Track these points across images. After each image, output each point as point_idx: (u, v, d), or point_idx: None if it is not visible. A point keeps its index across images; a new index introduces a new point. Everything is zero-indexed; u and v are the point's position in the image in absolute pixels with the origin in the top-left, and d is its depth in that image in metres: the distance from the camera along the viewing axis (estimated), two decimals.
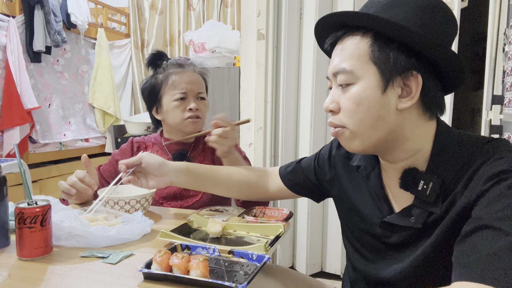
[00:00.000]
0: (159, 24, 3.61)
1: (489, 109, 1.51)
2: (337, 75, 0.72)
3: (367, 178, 0.83)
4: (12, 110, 2.55)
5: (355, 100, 0.70)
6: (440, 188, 0.68)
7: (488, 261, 0.54)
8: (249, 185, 1.05)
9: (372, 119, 0.69)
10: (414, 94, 0.68)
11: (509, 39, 1.42)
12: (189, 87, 1.31)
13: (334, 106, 0.73)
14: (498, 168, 0.62)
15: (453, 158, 0.69)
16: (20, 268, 0.76)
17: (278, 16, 2.15)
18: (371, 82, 0.69)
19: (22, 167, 0.85)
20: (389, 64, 0.68)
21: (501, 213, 0.58)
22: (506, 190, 0.60)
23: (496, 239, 0.55)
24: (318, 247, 2.29)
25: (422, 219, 0.71)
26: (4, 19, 2.56)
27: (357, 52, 0.70)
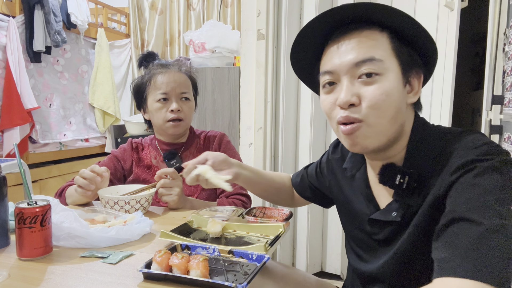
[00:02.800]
0: (159, 24, 3.61)
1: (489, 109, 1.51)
2: (362, 65, 0.69)
3: (352, 178, 0.86)
4: (12, 110, 2.55)
5: (386, 90, 0.68)
6: (416, 181, 0.70)
7: (465, 254, 0.54)
8: (286, 192, 1.09)
9: (394, 111, 0.70)
10: (417, 89, 0.73)
11: (509, 39, 1.42)
12: (170, 87, 1.29)
13: (355, 99, 0.69)
14: (465, 158, 0.63)
15: (427, 151, 0.71)
16: (20, 268, 0.76)
17: (278, 16, 2.15)
18: (396, 74, 0.70)
19: (22, 167, 0.85)
20: (409, 60, 0.71)
21: (471, 204, 0.58)
22: (473, 180, 0.60)
23: (469, 231, 0.56)
24: (318, 247, 2.29)
25: (401, 213, 0.72)
26: (4, 19, 2.56)
27: (381, 44, 0.70)
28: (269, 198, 1.10)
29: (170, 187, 1.14)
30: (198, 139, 1.40)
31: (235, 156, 1.36)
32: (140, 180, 1.34)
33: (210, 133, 1.41)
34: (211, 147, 1.37)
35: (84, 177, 1.12)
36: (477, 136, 0.68)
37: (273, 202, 1.11)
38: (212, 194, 1.34)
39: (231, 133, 2.44)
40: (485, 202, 0.58)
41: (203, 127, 2.52)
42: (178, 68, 1.35)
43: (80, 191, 1.14)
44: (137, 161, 1.37)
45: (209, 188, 1.33)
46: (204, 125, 2.52)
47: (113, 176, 1.34)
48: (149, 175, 1.34)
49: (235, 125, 2.43)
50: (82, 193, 1.14)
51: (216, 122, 2.49)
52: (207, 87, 2.48)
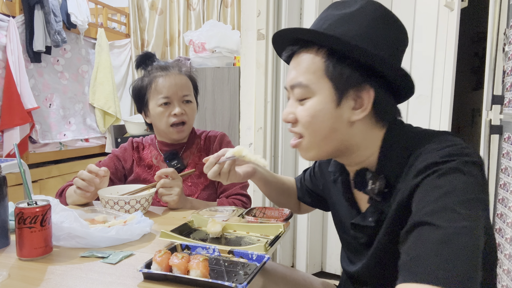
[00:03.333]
0: (159, 24, 3.61)
1: (489, 109, 1.51)
2: (294, 89, 0.74)
3: (334, 183, 0.87)
4: (12, 110, 2.55)
5: (311, 113, 0.72)
6: (386, 186, 0.71)
7: (426, 259, 0.53)
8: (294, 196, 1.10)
9: (326, 131, 0.72)
10: (366, 106, 0.71)
11: (509, 39, 1.42)
12: (172, 91, 1.28)
13: (292, 117, 0.76)
14: (427, 161, 0.63)
15: (398, 155, 0.71)
16: (20, 268, 0.76)
17: (278, 16, 2.15)
18: (325, 96, 0.71)
19: (22, 167, 0.85)
20: (343, 79, 0.70)
21: (431, 207, 0.57)
22: (434, 182, 0.60)
23: (430, 235, 0.55)
24: (318, 247, 2.29)
25: (375, 217, 0.73)
26: (4, 19, 2.56)
27: (313, 67, 0.72)
28: (280, 200, 1.10)
29: (170, 187, 1.14)
30: (199, 139, 1.40)
31: None
32: (140, 180, 1.34)
33: (211, 133, 1.41)
34: (212, 147, 1.37)
35: (82, 179, 1.12)
36: (445, 137, 0.67)
37: (283, 205, 1.10)
38: (212, 194, 1.34)
39: (231, 133, 2.44)
40: (446, 205, 0.57)
41: (203, 127, 2.52)
42: (178, 70, 1.33)
43: (79, 192, 1.14)
44: (137, 161, 1.37)
45: (209, 188, 1.33)
46: (204, 125, 2.52)
47: (114, 175, 1.33)
48: (150, 174, 1.34)
49: (235, 125, 2.43)
50: (81, 195, 1.14)
51: (216, 122, 2.49)
52: (207, 87, 2.48)
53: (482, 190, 0.60)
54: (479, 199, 0.58)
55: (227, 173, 0.94)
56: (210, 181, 1.34)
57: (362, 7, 0.71)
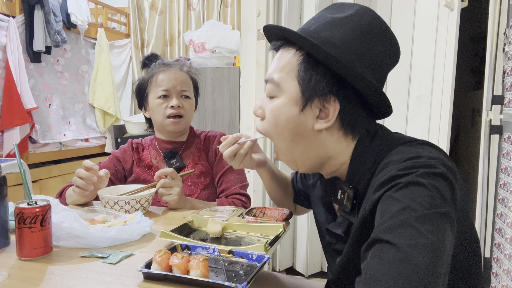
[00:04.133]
0: (159, 24, 3.61)
1: (489, 109, 1.51)
2: (267, 83, 0.74)
3: (314, 187, 0.87)
4: (12, 110, 2.55)
5: (274, 113, 0.72)
6: (355, 197, 0.69)
7: (380, 278, 0.51)
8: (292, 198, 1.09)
9: (290, 134, 0.71)
10: (330, 117, 0.69)
11: (509, 39, 1.42)
12: (171, 84, 1.31)
13: (261, 112, 0.76)
14: (387, 175, 0.59)
15: (364, 167, 0.69)
16: (20, 268, 0.76)
17: (278, 16, 2.15)
18: (290, 98, 0.70)
19: (22, 167, 0.85)
20: (310, 85, 0.68)
21: (390, 223, 0.55)
22: (393, 195, 0.57)
23: (385, 254, 0.53)
24: (318, 247, 2.29)
25: (344, 228, 0.72)
26: (4, 19, 2.56)
27: (288, 66, 0.71)
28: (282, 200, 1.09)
29: (170, 186, 1.15)
30: (199, 139, 1.40)
31: None
32: (140, 180, 1.34)
33: (210, 133, 1.42)
34: (211, 147, 1.37)
35: (80, 177, 1.13)
36: (411, 148, 0.64)
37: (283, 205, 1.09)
38: (212, 194, 1.34)
39: (231, 133, 2.43)
40: (404, 220, 0.53)
41: (203, 127, 2.52)
42: (179, 67, 1.37)
43: (78, 191, 1.14)
44: (137, 161, 1.38)
45: (209, 188, 1.34)
46: (204, 125, 2.52)
47: (114, 176, 1.34)
48: (150, 175, 1.34)
49: (235, 125, 2.43)
50: (80, 193, 1.14)
51: (216, 122, 2.49)
52: (207, 87, 2.48)
53: (444, 202, 0.55)
54: (440, 213, 0.54)
55: (243, 156, 0.92)
56: (210, 181, 1.34)
57: (354, 14, 0.68)
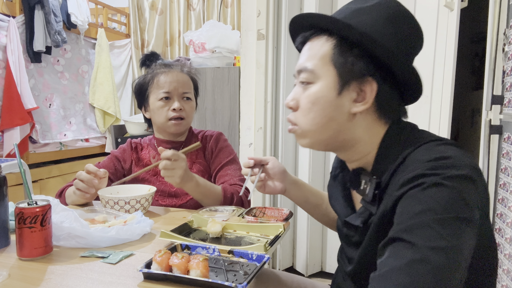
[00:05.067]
0: (159, 24, 3.61)
1: (489, 109, 1.51)
2: (300, 73, 0.74)
3: (334, 179, 0.87)
4: (12, 110, 2.55)
5: (312, 99, 0.72)
6: (377, 188, 0.70)
7: (394, 276, 0.52)
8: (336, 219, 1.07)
9: (324, 119, 0.72)
10: (367, 99, 0.70)
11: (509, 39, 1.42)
12: (173, 86, 1.31)
13: (294, 103, 0.76)
14: (413, 173, 0.60)
15: (390, 160, 0.69)
16: (20, 268, 0.76)
17: (278, 16, 2.15)
18: (328, 83, 0.71)
19: (22, 167, 0.85)
20: (347, 68, 0.69)
21: (410, 222, 0.55)
22: (416, 196, 0.57)
23: (403, 253, 0.54)
24: (318, 247, 2.29)
25: (363, 218, 0.72)
26: (4, 19, 2.56)
27: (321, 52, 0.72)
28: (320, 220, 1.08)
29: (172, 168, 1.12)
30: (196, 139, 1.41)
31: (231, 153, 1.37)
32: (139, 180, 1.34)
33: (207, 133, 1.42)
34: (208, 146, 1.38)
35: (81, 180, 1.13)
36: (444, 148, 0.64)
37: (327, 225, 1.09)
38: None
39: (231, 133, 2.44)
40: (424, 222, 0.54)
41: (203, 127, 2.52)
42: (180, 68, 1.37)
43: (78, 193, 1.14)
44: (136, 161, 1.38)
45: None
46: (204, 125, 2.52)
47: (113, 176, 1.34)
48: (148, 174, 1.35)
49: (235, 125, 2.43)
50: (80, 196, 1.15)
51: (216, 122, 2.49)
52: (207, 87, 2.48)
53: (467, 207, 0.56)
54: (464, 219, 0.55)
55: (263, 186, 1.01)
56: (208, 178, 1.35)
57: (379, 3, 0.71)
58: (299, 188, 1.03)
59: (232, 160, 1.36)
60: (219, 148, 1.36)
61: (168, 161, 1.10)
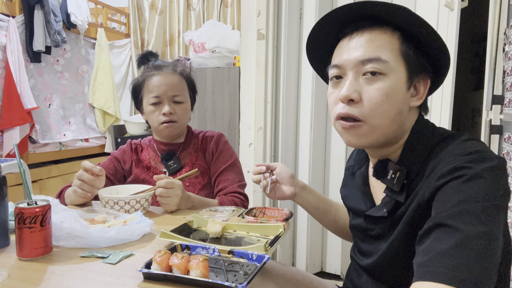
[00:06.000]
0: (159, 24, 3.60)
1: (489, 109, 1.51)
2: (367, 63, 0.70)
3: (352, 176, 0.88)
4: (12, 110, 2.55)
5: (386, 91, 0.70)
6: (405, 178, 0.71)
7: (443, 260, 0.54)
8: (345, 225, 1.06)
9: (394, 113, 0.71)
10: (422, 94, 0.73)
11: (509, 39, 1.42)
12: (162, 90, 1.28)
13: (356, 96, 0.71)
14: (453, 165, 0.63)
15: (419, 150, 0.72)
16: (20, 268, 0.76)
17: (278, 16, 2.15)
18: (401, 77, 0.71)
19: (22, 167, 0.85)
20: (416, 63, 0.71)
21: (453, 210, 0.58)
22: (458, 186, 0.61)
23: (448, 237, 0.56)
24: (318, 247, 2.29)
25: (389, 207, 0.73)
26: (4, 19, 2.56)
27: (390, 45, 0.71)
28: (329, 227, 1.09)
29: (168, 196, 1.12)
30: (196, 139, 1.40)
31: (231, 156, 1.36)
32: (139, 180, 1.34)
33: (208, 133, 1.41)
34: (208, 147, 1.37)
35: (83, 180, 1.12)
36: (472, 143, 0.67)
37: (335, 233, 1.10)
38: (209, 194, 1.34)
39: (231, 133, 2.44)
40: (468, 209, 0.58)
41: (203, 127, 2.52)
42: (172, 69, 1.33)
43: (80, 192, 1.13)
44: (136, 162, 1.38)
45: (207, 188, 1.34)
46: (204, 125, 2.52)
47: (114, 177, 1.34)
48: (148, 175, 1.35)
49: (235, 125, 2.43)
50: (82, 195, 1.14)
51: (216, 122, 2.49)
52: (207, 87, 2.48)
53: (503, 195, 0.60)
54: (499, 206, 0.59)
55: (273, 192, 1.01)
56: (208, 180, 1.35)
57: None
58: (309, 193, 1.04)
59: (233, 164, 1.35)
60: (219, 151, 1.36)
61: (163, 189, 1.10)
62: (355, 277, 0.88)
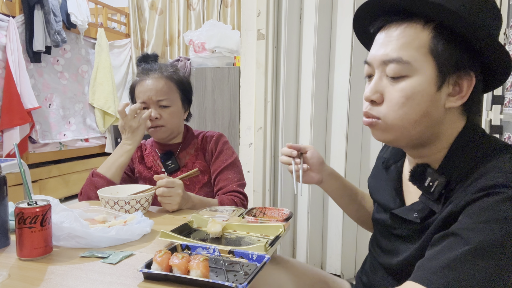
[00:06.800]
0: (159, 24, 3.61)
1: (489, 109, 1.51)
2: (389, 64, 0.67)
3: (386, 170, 0.84)
4: (12, 110, 2.55)
5: (407, 93, 0.65)
6: (444, 188, 0.66)
7: (441, 268, 0.53)
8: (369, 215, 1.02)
9: (418, 115, 0.66)
10: (464, 93, 0.66)
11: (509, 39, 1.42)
12: (147, 96, 1.30)
13: (377, 97, 0.68)
14: (494, 181, 0.58)
15: (464, 161, 0.66)
16: (20, 268, 0.76)
17: (278, 16, 2.15)
18: (427, 77, 0.65)
19: (22, 167, 0.85)
20: (450, 61, 0.64)
21: (474, 225, 0.55)
22: (493, 204, 0.56)
23: (455, 247, 0.55)
24: (318, 247, 2.29)
25: (422, 215, 0.70)
26: (4, 19, 2.56)
27: (417, 42, 0.65)
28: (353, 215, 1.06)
29: (169, 196, 1.13)
30: (196, 140, 1.41)
31: (231, 156, 1.37)
32: (142, 177, 1.38)
33: (208, 133, 1.42)
34: (208, 146, 1.38)
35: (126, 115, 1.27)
36: None
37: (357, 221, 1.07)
38: (209, 192, 1.35)
39: (231, 133, 2.44)
40: (489, 228, 0.54)
41: (203, 127, 2.52)
42: (159, 73, 1.33)
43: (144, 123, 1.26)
44: (140, 159, 1.42)
45: (207, 187, 1.35)
46: (204, 125, 2.52)
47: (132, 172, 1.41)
48: (150, 173, 1.38)
49: (235, 125, 2.43)
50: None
51: (216, 122, 2.49)
52: (207, 87, 2.48)
53: None
54: None
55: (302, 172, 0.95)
56: (208, 179, 1.35)
57: None
58: (336, 180, 1.00)
59: (232, 164, 1.36)
60: (219, 150, 1.36)
61: (164, 188, 1.11)
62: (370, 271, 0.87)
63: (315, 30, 2.03)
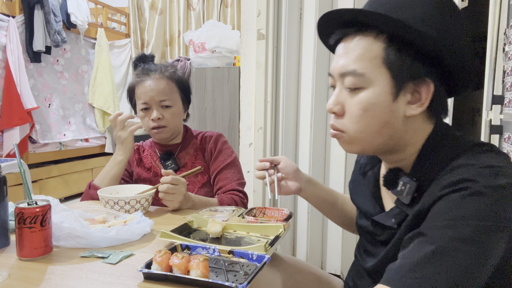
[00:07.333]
0: (159, 24, 3.61)
1: (489, 109, 1.51)
2: (345, 77, 0.68)
3: (364, 176, 0.85)
4: (12, 110, 2.55)
5: (364, 106, 0.66)
6: (416, 191, 0.67)
7: (408, 269, 0.54)
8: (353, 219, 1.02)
9: (378, 126, 0.67)
10: (424, 101, 0.66)
11: (509, 39, 1.42)
12: (149, 96, 1.29)
13: (338, 108, 0.70)
14: (459, 176, 0.58)
15: (434, 163, 0.67)
16: (20, 268, 0.76)
17: (278, 16, 2.15)
18: (382, 88, 0.65)
19: (22, 167, 0.85)
20: (404, 70, 0.64)
21: (441, 222, 0.56)
22: (457, 200, 0.56)
23: (422, 247, 0.55)
24: (318, 247, 2.29)
25: (399, 220, 0.70)
26: (4, 19, 2.56)
27: (370, 54, 0.65)
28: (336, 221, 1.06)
29: (173, 193, 1.13)
30: (195, 140, 1.41)
31: (230, 155, 1.37)
32: (141, 180, 1.37)
33: (207, 134, 1.42)
34: (207, 146, 1.38)
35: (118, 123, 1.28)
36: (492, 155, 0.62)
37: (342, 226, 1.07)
38: (209, 192, 1.35)
39: (231, 133, 2.44)
40: (456, 225, 0.54)
41: (203, 127, 2.52)
42: (160, 73, 1.32)
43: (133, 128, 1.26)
44: (138, 162, 1.41)
45: (206, 186, 1.35)
46: (204, 125, 2.52)
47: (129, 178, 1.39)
48: (149, 175, 1.37)
49: (235, 125, 2.43)
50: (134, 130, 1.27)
51: (216, 122, 2.49)
52: (207, 87, 2.48)
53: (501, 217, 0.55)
54: (493, 227, 0.54)
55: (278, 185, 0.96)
56: (207, 179, 1.35)
57: None
58: (315, 186, 1.00)
59: (232, 163, 1.36)
60: (218, 150, 1.36)
61: (169, 185, 1.10)
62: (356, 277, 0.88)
63: (315, 30, 2.03)
